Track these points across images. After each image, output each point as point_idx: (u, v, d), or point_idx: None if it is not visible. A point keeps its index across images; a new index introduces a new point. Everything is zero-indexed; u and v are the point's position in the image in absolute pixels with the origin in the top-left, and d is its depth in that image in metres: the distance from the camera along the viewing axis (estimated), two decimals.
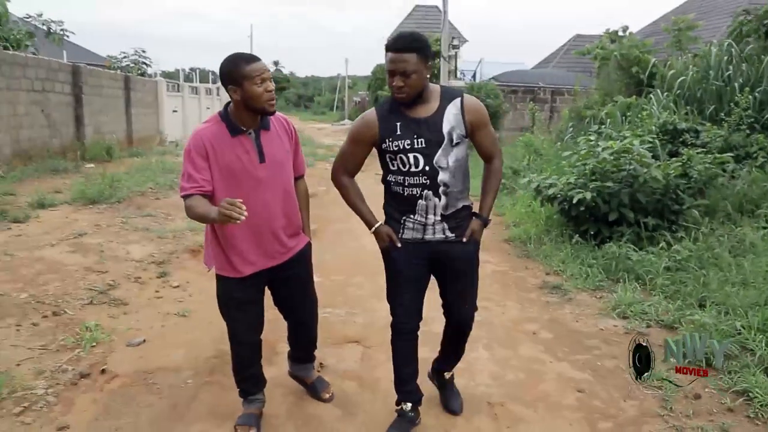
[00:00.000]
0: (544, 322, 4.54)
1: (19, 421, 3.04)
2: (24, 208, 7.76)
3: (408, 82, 2.55)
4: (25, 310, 4.49)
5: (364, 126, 2.79)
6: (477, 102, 2.77)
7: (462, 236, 2.79)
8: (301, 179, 3.02)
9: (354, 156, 2.89)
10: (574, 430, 3.07)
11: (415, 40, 2.58)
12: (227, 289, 2.83)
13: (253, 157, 2.64)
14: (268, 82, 2.56)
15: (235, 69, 2.55)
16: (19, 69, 11.53)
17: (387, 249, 2.84)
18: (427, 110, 2.67)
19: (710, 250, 5.25)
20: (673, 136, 7.93)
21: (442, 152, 2.65)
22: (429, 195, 2.69)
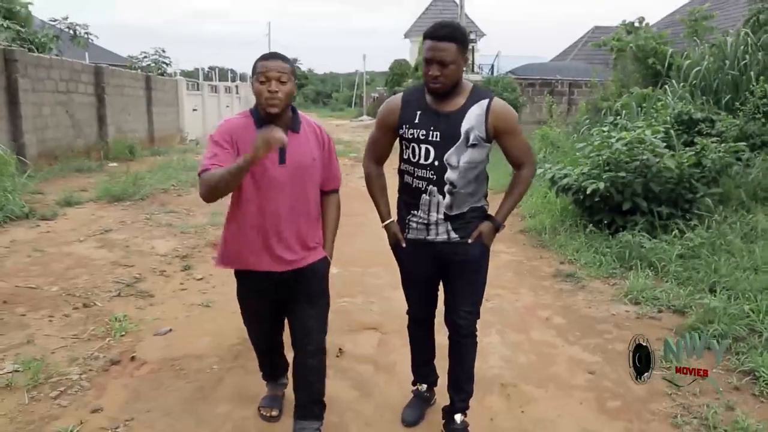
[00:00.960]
0: (557, 309, 4.65)
1: (56, 404, 3.22)
2: (52, 206, 8.01)
3: (445, 72, 2.49)
4: (57, 302, 4.70)
5: (388, 110, 2.77)
6: (506, 107, 2.68)
7: (468, 237, 2.71)
8: (334, 194, 2.86)
9: (380, 141, 2.86)
10: (583, 408, 3.19)
11: (456, 29, 2.54)
12: (240, 290, 2.85)
13: (273, 155, 2.52)
14: (273, 83, 2.45)
15: (253, 65, 2.55)
16: (43, 71, 11.83)
17: (394, 246, 2.87)
18: (451, 105, 2.60)
19: (722, 237, 5.31)
20: (688, 126, 7.94)
21: (455, 150, 2.59)
22: (434, 191, 2.64)
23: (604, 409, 3.19)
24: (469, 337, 2.86)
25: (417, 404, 3.10)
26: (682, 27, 12.25)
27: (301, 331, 2.79)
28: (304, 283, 2.74)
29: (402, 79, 27.31)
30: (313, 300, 2.79)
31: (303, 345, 2.80)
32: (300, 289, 2.74)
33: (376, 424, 3.04)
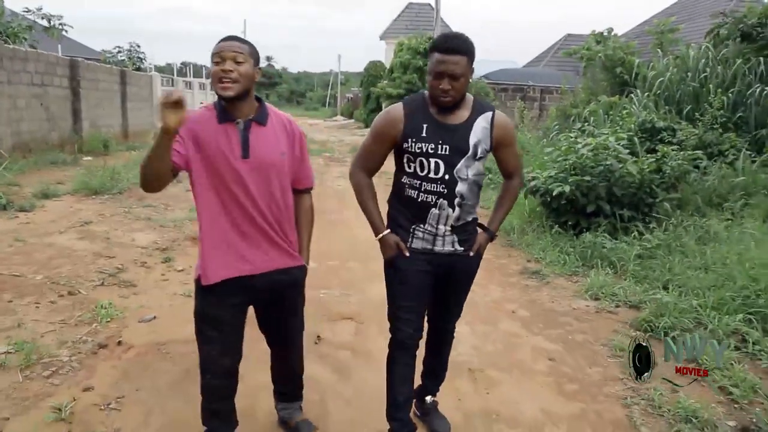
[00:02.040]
0: (523, 302, 4.95)
1: (49, 383, 3.39)
2: (29, 198, 8.09)
3: (455, 85, 2.45)
4: (42, 290, 4.84)
5: (389, 122, 2.63)
6: (508, 120, 2.70)
7: (470, 250, 2.71)
8: (307, 194, 2.71)
9: (375, 153, 2.73)
10: (543, 391, 3.47)
11: (466, 41, 2.49)
12: (203, 301, 2.54)
13: (235, 149, 2.38)
14: (227, 62, 2.30)
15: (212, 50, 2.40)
16: (19, 63, 11.82)
17: (392, 259, 2.71)
18: (457, 118, 2.56)
19: (678, 239, 5.67)
20: (651, 134, 8.34)
21: (464, 163, 2.55)
22: (444, 204, 2.58)
23: (562, 391, 3.48)
24: (451, 334, 2.99)
25: None
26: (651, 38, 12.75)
27: (279, 337, 2.80)
28: (281, 294, 2.63)
29: (377, 80, 27.56)
30: (291, 310, 2.73)
31: (285, 346, 2.83)
32: (277, 300, 2.64)
33: (354, 403, 3.27)
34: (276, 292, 2.60)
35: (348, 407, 3.25)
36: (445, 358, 3.04)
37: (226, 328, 2.55)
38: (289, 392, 2.99)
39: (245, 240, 2.47)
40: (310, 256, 2.76)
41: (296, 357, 2.90)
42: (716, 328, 3.99)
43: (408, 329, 2.74)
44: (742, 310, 4.18)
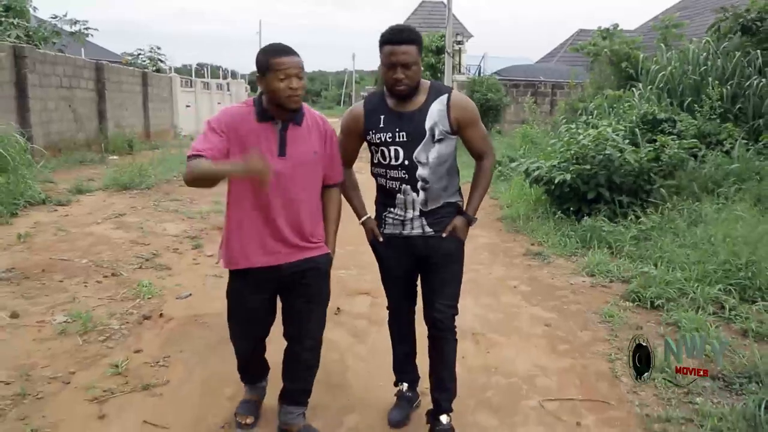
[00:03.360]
0: (524, 279, 5.39)
1: (105, 346, 3.90)
2: (65, 194, 8.66)
3: (408, 73, 2.56)
4: (88, 271, 5.36)
5: (351, 119, 2.83)
6: (465, 99, 2.79)
7: (442, 231, 2.77)
8: (335, 188, 2.84)
9: (345, 147, 2.88)
10: (538, 350, 3.92)
11: (413, 32, 2.61)
12: (233, 284, 2.76)
13: (273, 147, 2.53)
14: (293, 79, 2.44)
15: (263, 59, 2.48)
16: (49, 66, 12.44)
17: (372, 243, 2.93)
18: (412, 105, 2.67)
19: (671, 222, 6.07)
20: (653, 125, 8.69)
21: (422, 147, 2.65)
22: (407, 189, 2.70)
23: (554, 350, 3.92)
24: (447, 331, 2.86)
25: (401, 406, 3.09)
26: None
27: (299, 328, 2.80)
28: (306, 281, 2.71)
29: None
30: (314, 298, 2.77)
31: (300, 340, 2.81)
32: (302, 286, 2.71)
33: (369, 360, 3.74)
34: (301, 277, 2.68)
35: (363, 362, 3.72)
36: (450, 364, 2.92)
37: (250, 314, 2.75)
38: (297, 393, 2.89)
39: (274, 233, 2.59)
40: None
41: (312, 354, 2.85)
42: (697, 297, 4.41)
43: (395, 301, 3.04)
44: (723, 281, 4.59)
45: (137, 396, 3.29)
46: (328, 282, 2.85)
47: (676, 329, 4.08)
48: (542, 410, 3.20)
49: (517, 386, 3.45)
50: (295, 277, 2.68)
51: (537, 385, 3.47)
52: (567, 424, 3.07)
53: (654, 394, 3.31)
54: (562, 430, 3.02)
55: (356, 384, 3.47)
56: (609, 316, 4.37)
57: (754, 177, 6.98)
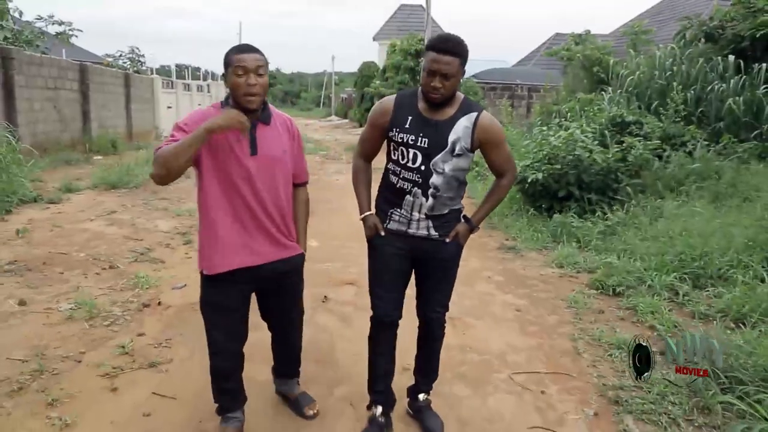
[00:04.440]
0: (498, 270, 5.79)
1: (110, 330, 4.20)
2: (55, 192, 8.89)
3: (446, 84, 2.58)
4: (86, 264, 5.65)
5: (380, 111, 2.82)
6: (493, 122, 2.77)
7: (446, 236, 2.82)
8: (302, 188, 2.90)
9: (369, 139, 2.92)
10: (509, 331, 4.32)
11: (460, 44, 2.61)
12: (210, 291, 2.74)
13: (244, 147, 2.54)
14: (251, 75, 2.45)
15: (227, 56, 2.50)
16: (35, 68, 12.58)
17: (371, 238, 2.91)
18: (442, 114, 2.69)
19: (635, 218, 6.50)
20: (621, 127, 9.15)
21: (441, 157, 2.68)
22: (418, 193, 2.73)
23: (524, 331, 4.32)
24: (438, 329, 3.01)
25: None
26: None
27: (282, 321, 3.02)
28: (285, 281, 2.81)
29: (370, 80, 28.33)
30: (293, 296, 2.94)
31: (285, 331, 3.07)
32: (281, 286, 2.83)
33: (355, 341, 4.07)
34: (278, 279, 2.78)
35: (350, 343, 4.06)
36: (435, 357, 3.10)
37: (232, 315, 2.75)
38: (289, 371, 3.24)
39: (250, 232, 2.63)
40: (314, 237, 3.21)
41: (296, 339, 3.14)
42: (654, 284, 4.84)
43: (384, 306, 2.90)
44: (679, 270, 5.02)
45: (144, 372, 3.62)
46: (302, 278, 2.98)
47: (633, 312, 4.51)
48: (511, 382, 3.59)
49: (489, 362, 3.83)
50: (274, 278, 2.77)
51: (507, 360, 3.86)
52: (533, 392, 3.46)
53: (611, 367, 3.72)
54: (528, 397, 3.41)
55: (344, 360, 3.83)
56: (574, 302, 4.79)
57: (714, 176, 7.44)
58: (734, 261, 4.90)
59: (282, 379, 3.27)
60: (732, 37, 9.77)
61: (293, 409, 3.18)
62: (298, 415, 3.15)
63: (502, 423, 3.15)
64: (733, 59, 9.45)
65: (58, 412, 3.10)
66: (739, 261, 4.90)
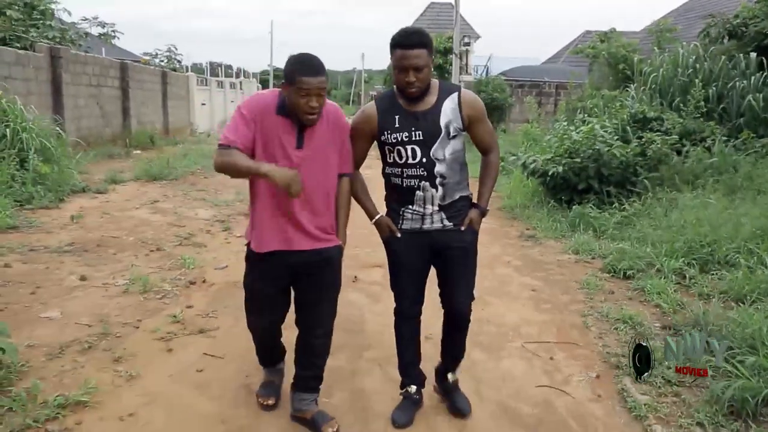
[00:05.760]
0: (517, 256, 6.16)
1: (162, 302, 4.68)
2: (101, 183, 9.45)
3: (419, 76, 2.64)
4: (136, 246, 6.15)
5: (363, 119, 2.88)
6: (474, 96, 2.86)
7: (460, 225, 2.86)
8: (346, 178, 2.90)
9: (356, 148, 2.92)
10: (524, 308, 4.69)
11: (424, 35, 2.68)
12: (254, 272, 2.90)
13: (291, 139, 2.64)
14: (312, 98, 2.54)
15: (290, 71, 2.57)
16: (80, 66, 13.24)
17: (387, 239, 2.96)
18: (425, 104, 2.75)
19: (651, 209, 6.79)
20: (643, 123, 9.41)
21: (439, 144, 2.74)
22: (426, 186, 2.77)
23: (538, 308, 4.69)
24: (465, 320, 3.04)
25: (407, 407, 3.15)
26: None
27: (311, 317, 2.96)
28: (320, 271, 2.84)
29: None
30: (326, 288, 2.92)
31: (311, 328, 2.97)
32: (315, 276, 2.84)
33: (383, 315, 4.45)
34: (315, 268, 2.82)
35: (379, 316, 4.47)
36: (459, 344, 3.15)
37: (270, 300, 2.89)
38: (309, 379, 3.03)
39: (293, 222, 2.72)
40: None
41: (323, 342, 3.01)
42: (663, 268, 5.15)
43: (405, 302, 3.05)
44: (688, 256, 5.32)
45: (195, 337, 4.07)
46: (340, 272, 2.99)
47: (642, 293, 4.84)
48: (523, 349, 3.97)
49: (504, 333, 4.22)
50: (309, 268, 2.81)
51: (521, 332, 4.24)
52: (542, 358, 3.83)
53: (616, 339, 4.07)
54: (538, 362, 3.79)
55: (372, 330, 4.25)
56: (587, 284, 5.13)
57: (730, 170, 7.68)
58: (741, 248, 5.18)
59: (300, 393, 3.04)
60: (755, 34, 9.93)
61: (310, 428, 2.97)
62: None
63: (513, 382, 3.53)
64: (755, 56, 9.62)
65: (123, 367, 3.57)
66: (746, 248, 5.17)
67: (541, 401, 3.33)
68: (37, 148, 8.48)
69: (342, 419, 3.05)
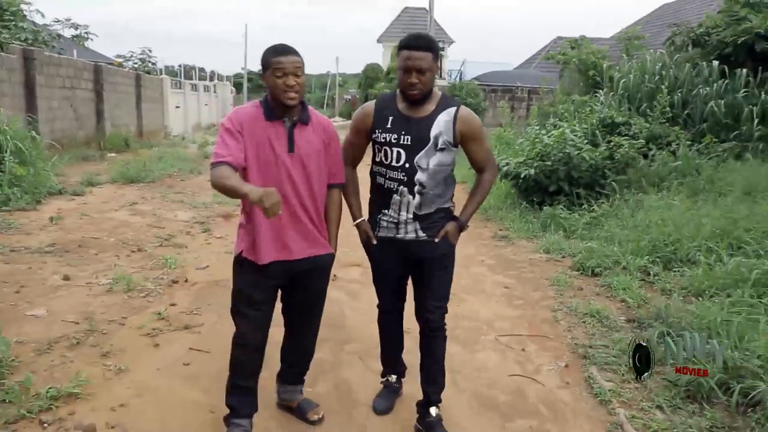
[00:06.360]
0: (491, 255, 6.38)
1: (146, 301, 4.78)
2: (78, 185, 9.47)
3: (422, 79, 2.66)
4: (117, 247, 6.23)
5: (361, 116, 2.92)
6: (472, 115, 2.84)
7: (435, 236, 2.86)
8: (337, 189, 2.92)
9: (354, 145, 3.00)
10: (497, 304, 4.90)
11: (431, 40, 2.73)
12: (247, 282, 2.79)
13: (282, 144, 2.65)
14: (289, 77, 2.57)
15: (265, 57, 2.62)
16: (53, 68, 13.18)
17: (366, 243, 3.04)
18: (421, 111, 2.77)
19: (618, 210, 7.07)
20: (611, 127, 9.73)
21: (424, 153, 2.74)
22: (404, 192, 2.78)
23: (511, 304, 4.90)
24: (438, 330, 3.01)
25: (387, 395, 3.30)
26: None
27: (301, 321, 3.03)
28: (312, 279, 2.86)
29: (375, 82, 28.92)
30: (317, 295, 2.97)
31: (302, 332, 3.06)
32: (308, 283, 2.87)
33: (362, 311, 4.65)
34: (307, 276, 2.83)
35: (358, 312, 4.64)
36: (439, 359, 3.07)
37: (262, 307, 2.81)
38: (295, 374, 3.17)
39: (285, 227, 2.70)
40: None
41: (310, 342, 3.11)
42: (629, 266, 5.40)
43: (386, 300, 3.17)
44: (652, 254, 5.59)
45: (180, 333, 4.20)
46: (329, 277, 3.02)
47: (608, 289, 5.09)
48: (497, 342, 4.17)
49: (479, 327, 4.42)
50: (302, 275, 2.81)
51: (494, 326, 4.44)
52: (515, 350, 4.04)
53: (584, 331, 4.30)
54: (511, 354, 3.99)
55: (353, 325, 4.42)
56: (557, 281, 5.36)
57: (694, 173, 8.00)
58: (702, 246, 5.46)
59: (287, 385, 3.20)
60: (717, 43, 10.33)
61: (297, 415, 3.15)
62: (303, 421, 3.11)
63: (487, 372, 3.73)
64: (717, 64, 10.01)
65: (112, 361, 3.68)
66: (706, 246, 5.45)
67: (514, 389, 3.53)
68: (12, 150, 8.49)
69: (326, 407, 3.22)
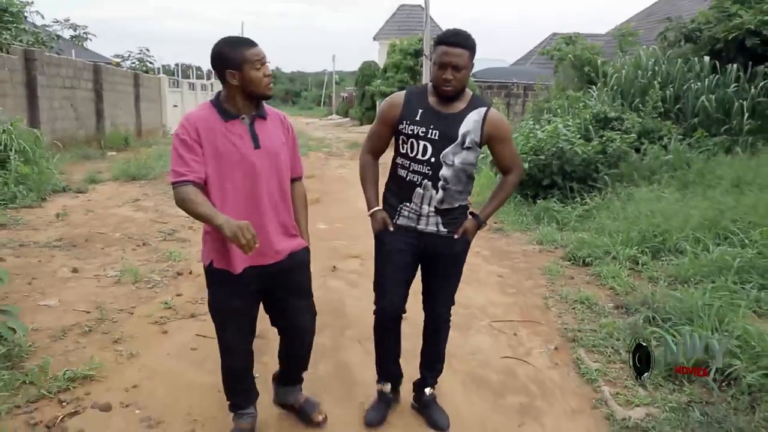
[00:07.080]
0: (486, 247, 6.56)
1: (153, 291, 4.96)
2: (81, 183, 9.65)
3: (457, 76, 2.64)
4: (123, 242, 6.41)
5: (389, 105, 2.87)
6: (501, 118, 2.84)
7: (454, 232, 2.86)
8: (299, 182, 2.88)
9: (379, 135, 2.96)
10: (491, 292, 5.09)
11: (469, 37, 2.68)
12: (223, 293, 2.68)
13: (247, 142, 2.55)
14: (266, 66, 2.54)
15: (234, 52, 2.48)
16: (54, 68, 13.35)
17: (379, 233, 2.92)
18: (452, 108, 2.76)
19: (610, 202, 7.26)
20: (604, 122, 9.92)
21: (451, 149, 2.73)
22: (428, 185, 2.76)
23: (504, 292, 5.09)
24: (445, 323, 3.09)
25: (380, 407, 3.14)
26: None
27: (293, 322, 2.88)
28: (293, 277, 2.77)
29: (371, 79, 29.08)
30: (303, 293, 2.87)
31: (296, 333, 2.92)
32: (290, 282, 2.78)
33: (362, 299, 4.81)
34: (288, 274, 2.74)
35: (357, 300, 4.82)
36: (441, 348, 3.14)
37: (242, 317, 2.74)
38: (294, 375, 3.10)
39: (260, 228, 2.51)
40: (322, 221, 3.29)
41: (310, 342, 2.99)
42: (619, 256, 5.59)
43: (389, 299, 2.93)
44: (641, 244, 5.78)
45: (187, 321, 4.38)
46: (310, 273, 2.93)
47: (598, 278, 5.28)
48: (490, 327, 4.36)
49: (473, 313, 4.60)
50: (282, 275, 2.72)
51: (488, 312, 4.63)
52: (507, 335, 4.23)
53: (573, 317, 4.49)
54: (503, 338, 4.18)
55: (352, 313, 4.60)
56: (549, 270, 5.55)
57: (684, 166, 8.19)
58: (689, 237, 5.64)
59: (286, 387, 3.13)
60: (708, 39, 10.51)
61: (299, 417, 3.07)
62: (306, 423, 3.05)
63: (481, 354, 3.92)
64: (708, 60, 10.19)
65: (123, 347, 3.87)
66: (693, 237, 5.63)
67: (506, 370, 3.72)
68: (17, 149, 8.67)
69: (328, 386, 3.41)
